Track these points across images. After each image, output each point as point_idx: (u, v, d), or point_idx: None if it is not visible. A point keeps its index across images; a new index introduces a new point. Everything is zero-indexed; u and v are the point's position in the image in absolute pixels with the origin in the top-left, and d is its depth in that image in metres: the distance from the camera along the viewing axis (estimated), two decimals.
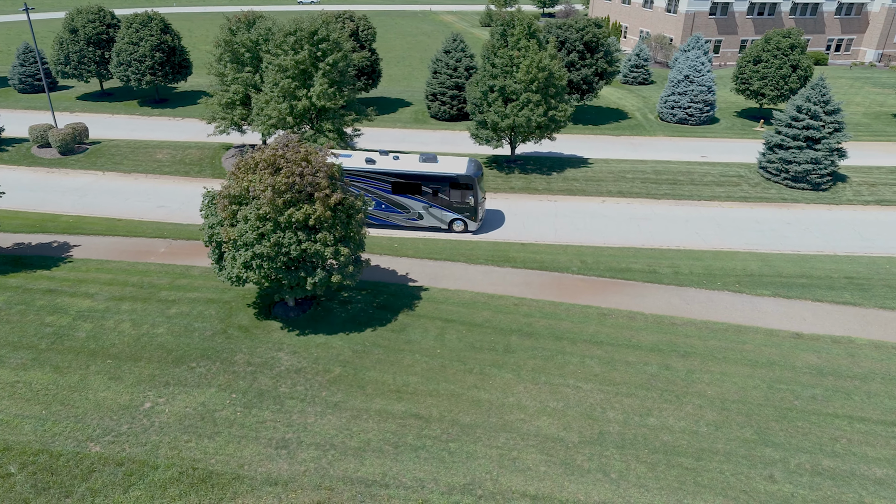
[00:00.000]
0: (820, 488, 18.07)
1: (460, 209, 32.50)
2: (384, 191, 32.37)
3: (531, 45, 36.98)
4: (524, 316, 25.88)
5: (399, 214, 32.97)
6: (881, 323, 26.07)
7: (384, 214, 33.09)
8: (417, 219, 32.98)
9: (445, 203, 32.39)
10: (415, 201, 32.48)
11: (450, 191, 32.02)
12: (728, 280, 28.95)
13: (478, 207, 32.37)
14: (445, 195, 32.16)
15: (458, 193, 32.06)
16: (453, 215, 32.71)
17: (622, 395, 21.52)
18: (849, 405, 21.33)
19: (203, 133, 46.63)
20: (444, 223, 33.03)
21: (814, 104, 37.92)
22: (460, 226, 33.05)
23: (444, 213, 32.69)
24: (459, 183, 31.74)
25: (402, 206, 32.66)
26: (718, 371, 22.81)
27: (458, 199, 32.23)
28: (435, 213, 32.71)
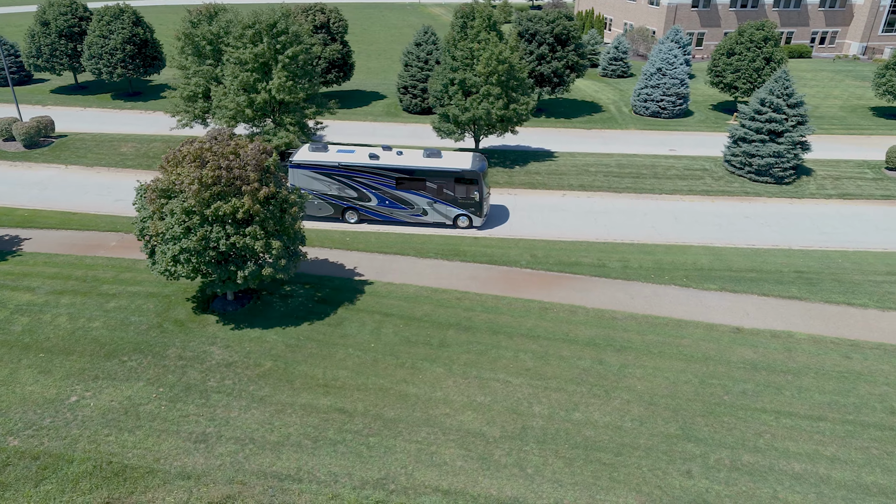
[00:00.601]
0: (736, 483, 17.98)
1: (465, 205, 32.18)
2: (388, 186, 31.97)
3: (491, 37, 36.71)
4: (465, 310, 25.78)
5: (403, 210, 32.63)
6: (824, 317, 25.92)
7: (388, 210, 32.75)
8: (422, 215, 32.60)
9: (450, 199, 32.04)
10: (419, 197, 32.15)
11: (454, 186, 31.68)
12: (676, 274, 28.80)
13: (483, 203, 32.04)
14: (450, 191, 31.82)
15: (462, 189, 31.73)
16: (458, 211, 32.39)
17: (551, 390, 21.43)
18: (778, 400, 21.22)
19: (171, 127, 46.38)
20: (449, 219, 32.68)
21: (776, 97, 37.64)
22: (465, 222, 32.73)
23: (448, 209, 32.36)
24: (464, 178, 31.39)
25: (407, 201, 32.33)
26: (652, 366, 22.71)
27: (463, 195, 31.89)
28: (439, 208, 32.36)
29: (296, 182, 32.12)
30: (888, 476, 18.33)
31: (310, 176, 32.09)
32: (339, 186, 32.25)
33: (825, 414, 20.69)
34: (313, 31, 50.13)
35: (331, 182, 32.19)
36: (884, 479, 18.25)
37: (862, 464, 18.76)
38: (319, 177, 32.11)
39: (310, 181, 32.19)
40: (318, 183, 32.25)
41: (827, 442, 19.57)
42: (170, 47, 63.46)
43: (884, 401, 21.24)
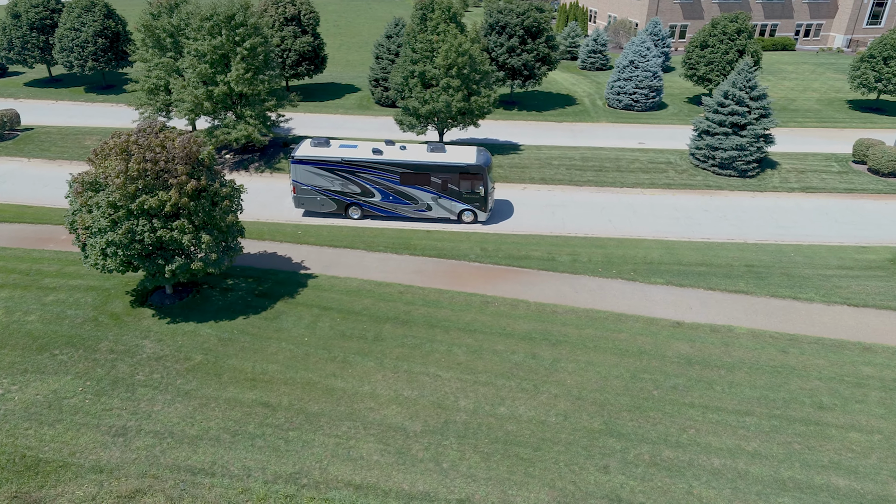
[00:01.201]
0: (652, 479, 17.86)
1: (470, 200, 31.92)
2: (392, 182, 31.66)
3: (450, 29, 36.42)
4: (406, 304, 25.64)
5: (407, 206, 32.34)
6: (768, 311, 25.74)
7: (392, 206, 32.41)
8: (426, 210, 32.36)
9: (455, 193, 31.77)
10: (423, 192, 31.84)
11: (459, 181, 31.43)
12: (625, 268, 28.62)
13: (487, 198, 31.78)
14: (455, 185, 31.54)
15: (467, 184, 31.46)
16: (463, 206, 32.11)
17: (479, 384, 21.31)
18: (707, 395, 21.08)
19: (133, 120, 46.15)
20: (454, 214, 32.45)
21: (739, 90, 37.33)
22: (470, 216, 32.48)
23: (453, 204, 32.11)
24: (469, 173, 31.15)
25: (411, 197, 32.02)
26: (585, 360, 22.57)
27: (468, 190, 31.61)
28: (444, 203, 32.11)
29: (298, 178, 31.82)
30: (806, 471, 18.21)
31: (312, 172, 31.67)
32: (343, 182, 31.86)
33: (753, 409, 20.54)
34: (284, 23, 49.87)
35: (334, 178, 31.78)
36: (801, 474, 18.12)
37: (782, 459, 18.63)
38: (322, 172, 31.67)
39: (312, 177, 31.81)
40: (321, 179, 31.84)
41: (750, 437, 19.43)
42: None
43: (813, 396, 21.09)
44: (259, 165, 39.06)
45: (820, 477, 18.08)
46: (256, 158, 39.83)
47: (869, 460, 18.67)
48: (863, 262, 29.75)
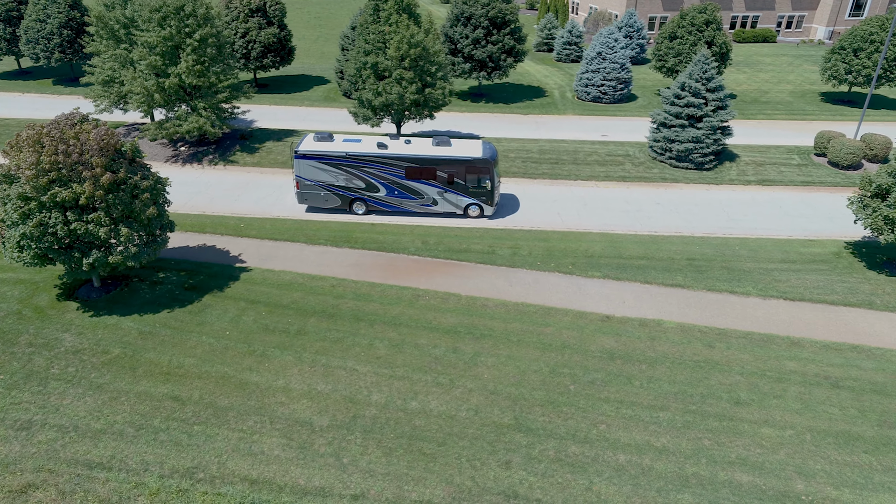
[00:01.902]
0: (553, 475, 17.68)
1: (476, 194, 31.50)
2: (397, 176, 31.17)
3: (403, 20, 36.04)
4: (335, 297, 25.45)
5: (412, 200, 31.92)
6: (702, 305, 25.49)
7: (397, 201, 31.97)
8: (432, 204, 31.95)
9: (461, 188, 31.35)
10: (429, 186, 31.39)
11: (465, 175, 31.02)
12: (564, 261, 28.37)
13: (494, 192, 31.39)
14: (461, 179, 31.10)
15: (473, 178, 31.05)
16: (469, 200, 31.73)
17: (395, 378, 21.13)
18: (625, 390, 20.87)
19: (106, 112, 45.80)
20: (460, 208, 32.07)
21: (695, 81, 36.93)
22: (476, 211, 32.10)
23: (459, 198, 31.71)
24: (476, 166, 30.71)
25: (417, 191, 31.56)
26: (506, 354, 22.37)
27: (474, 184, 31.20)
28: (450, 198, 31.71)
29: (301, 173, 31.34)
30: (711, 467, 18.01)
31: (316, 167, 31.16)
32: (347, 177, 31.37)
33: (668, 404, 20.33)
34: (249, 14, 49.50)
35: (338, 172, 31.28)
36: (706, 470, 17.93)
37: (689, 455, 18.43)
38: (326, 167, 31.17)
39: (316, 172, 31.31)
40: (325, 174, 31.34)
41: (661, 433, 19.23)
42: None
43: (731, 391, 20.86)
44: (213, 158, 38.83)
45: (724, 473, 17.88)
46: (212, 151, 39.59)
47: (777, 456, 18.46)
48: (807, 255, 29.46)
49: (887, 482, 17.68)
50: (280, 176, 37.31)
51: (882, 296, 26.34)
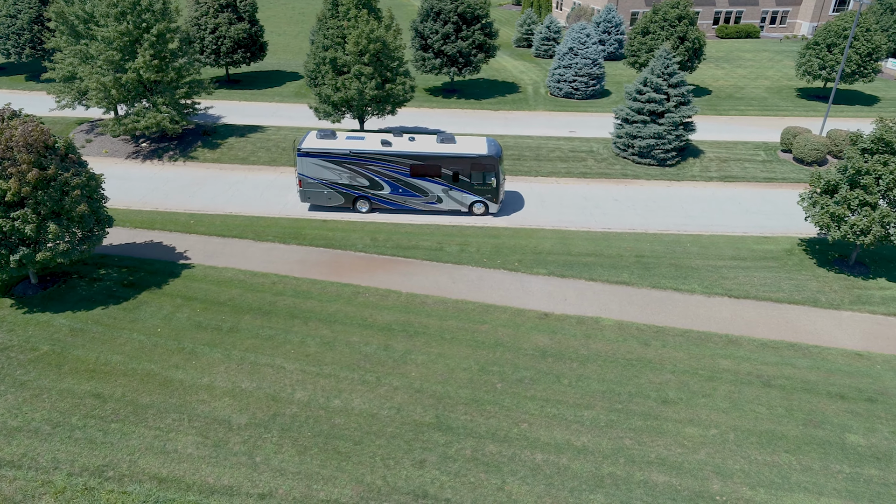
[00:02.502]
0: (466, 475, 17.49)
1: (481, 191, 31.14)
2: (401, 174, 30.75)
3: (362, 15, 35.77)
4: (275, 294, 25.27)
5: (417, 198, 31.50)
6: (644, 303, 25.25)
7: (401, 199, 31.55)
8: (436, 202, 31.54)
9: (466, 185, 30.95)
10: (434, 184, 30.97)
11: (470, 172, 30.64)
12: (512, 258, 28.14)
13: (499, 189, 31.06)
14: (466, 177, 30.71)
15: (479, 175, 30.67)
16: (474, 198, 31.34)
17: (322, 376, 20.95)
18: (551, 388, 20.66)
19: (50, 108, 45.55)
20: (465, 206, 31.69)
21: (657, 77, 36.61)
22: (481, 208, 31.73)
23: (464, 196, 31.33)
24: (481, 164, 30.35)
25: (421, 189, 31.15)
26: (437, 352, 22.17)
27: (479, 181, 30.82)
28: (455, 195, 31.31)
29: (304, 171, 30.89)
30: (628, 467, 17.80)
31: (319, 164, 30.69)
32: (351, 175, 30.94)
33: (594, 403, 20.12)
34: (218, 9, 49.24)
35: (341, 170, 30.84)
36: (623, 470, 17.72)
37: (608, 454, 18.22)
38: (329, 165, 30.71)
39: (319, 170, 30.86)
40: (328, 172, 30.89)
41: (583, 432, 19.02)
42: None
43: (660, 390, 20.64)
44: (174, 154, 38.65)
45: (641, 473, 17.67)
46: (173, 147, 39.40)
47: (697, 456, 18.25)
48: (759, 252, 29.19)
49: (804, 482, 17.46)
50: (238, 172, 37.13)
51: (828, 293, 26.07)
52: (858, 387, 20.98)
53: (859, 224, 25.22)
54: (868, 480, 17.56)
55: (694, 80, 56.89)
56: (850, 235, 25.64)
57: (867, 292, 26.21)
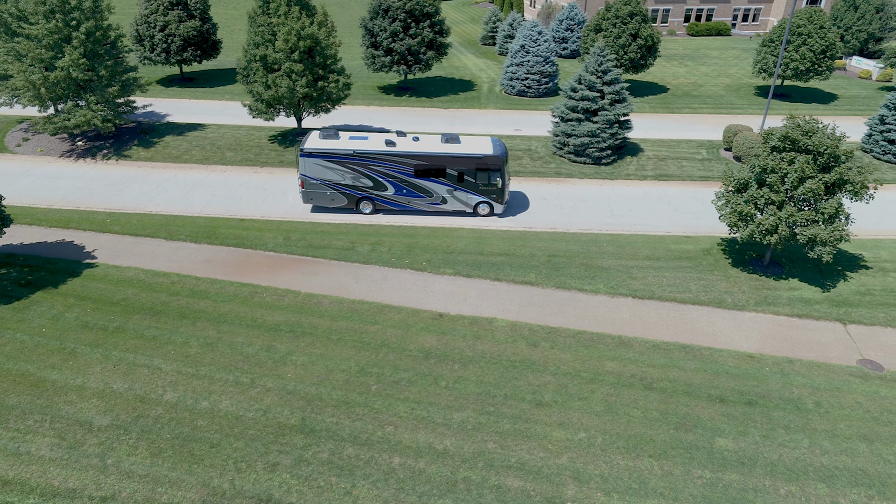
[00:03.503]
0: (317, 479, 17.20)
1: (486, 192, 30.80)
2: (406, 175, 30.43)
3: (293, 11, 35.46)
4: (171, 294, 25.01)
5: (421, 199, 31.17)
6: (545, 303, 24.90)
7: (405, 200, 31.18)
8: (441, 203, 31.22)
9: (471, 186, 30.63)
10: (438, 185, 30.64)
11: (476, 172, 30.29)
12: (421, 258, 27.82)
13: (504, 189, 30.79)
14: (471, 177, 30.37)
15: (484, 175, 30.34)
16: (479, 198, 31.03)
17: (196, 377, 20.69)
18: (427, 390, 20.35)
19: (18, 107, 45.52)
20: (470, 207, 31.37)
21: (591, 74, 36.20)
22: (486, 209, 31.40)
23: (469, 197, 31.01)
24: (487, 164, 30.04)
25: (426, 190, 30.82)
26: (319, 353, 21.88)
27: (485, 182, 30.49)
28: (459, 196, 30.99)
29: (307, 171, 30.47)
30: (485, 471, 17.49)
31: (322, 165, 30.30)
32: (354, 175, 30.58)
33: (467, 405, 19.80)
34: (168, 7, 49.02)
35: (345, 171, 30.47)
36: (478, 474, 17.41)
37: (468, 458, 17.91)
38: (333, 166, 30.31)
39: (322, 170, 30.46)
40: (331, 172, 30.50)
41: (448, 435, 18.71)
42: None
43: (537, 392, 20.30)
44: (108, 153, 38.44)
45: (497, 478, 17.34)
46: (108, 146, 39.19)
47: (558, 460, 17.92)
48: (675, 252, 28.80)
49: (661, 487, 17.11)
50: (169, 171, 36.89)
51: (736, 294, 25.67)
52: (741, 390, 20.60)
53: (764, 223, 24.81)
54: (727, 486, 17.20)
55: (651, 78, 56.47)
56: (756, 235, 25.23)
57: (775, 293, 25.80)
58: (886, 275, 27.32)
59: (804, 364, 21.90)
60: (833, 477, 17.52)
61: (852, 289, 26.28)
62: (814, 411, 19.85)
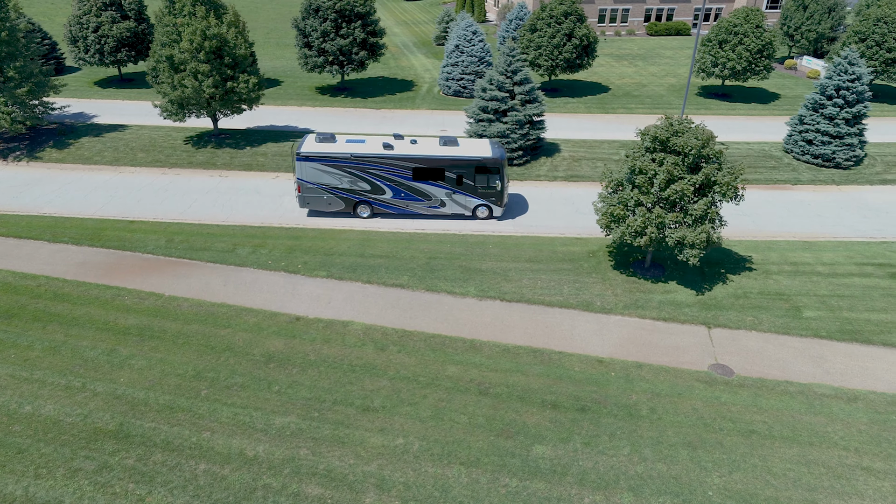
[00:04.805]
0: (114, 485, 16.93)
1: (485, 194, 30.53)
2: (404, 178, 30.07)
3: (198, 11, 35.24)
4: (32, 297, 24.79)
5: (420, 203, 30.85)
6: (409, 306, 24.57)
7: (403, 203, 30.82)
8: (440, 206, 30.90)
9: (470, 188, 30.36)
10: (437, 188, 30.34)
11: (475, 175, 30.05)
12: (298, 261, 27.51)
13: (503, 192, 30.53)
14: (470, 180, 30.11)
15: (483, 178, 30.07)
16: (478, 201, 30.77)
17: (29, 381, 20.47)
18: (258, 395, 20.06)
19: None
20: (469, 210, 31.09)
21: (501, 74, 35.83)
22: (485, 212, 31.11)
23: (468, 200, 30.74)
24: (486, 167, 29.76)
25: (424, 193, 30.51)
26: (160, 357, 21.61)
27: (484, 184, 30.21)
28: (459, 199, 30.71)
29: (303, 175, 30.11)
30: (289, 479, 17.17)
31: (319, 169, 29.93)
32: (352, 179, 30.21)
33: (293, 410, 19.49)
34: (102, 7, 48.90)
35: (342, 175, 30.10)
36: (280, 481, 17.10)
37: (276, 465, 17.60)
38: (330, 169, 29.96)
39: (319, 174, 30.08)
40: (328, 176, 30.13)
41: (264, 441, 18.41)
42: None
43: (368, 397, 19.99)
44: (20, 154, 38.31)
45: (298, 485, 17.05)
46: (22, 147, 39.05)
47: (367, 467, 17.61)
48: (560, 254, 28.41)
49: (463, 496, 16.76)
50: (77, 172, 36.73)
51: (607, 297, 25.27)
52: (578, 395, 20.21)
53: (633, 225, 24.41)
54: (532, 494, 16.83)
55: (597, 78, 56.08)
56: (627, 237, 24.83)
57: (648, 296, 25.39)
58: (768, 277, 26.87)
59: (652, 369, 21.48)
60: (642, 486, 17.12)
61: (729, 291, 25.84)
62: (646, 418, 19.44)
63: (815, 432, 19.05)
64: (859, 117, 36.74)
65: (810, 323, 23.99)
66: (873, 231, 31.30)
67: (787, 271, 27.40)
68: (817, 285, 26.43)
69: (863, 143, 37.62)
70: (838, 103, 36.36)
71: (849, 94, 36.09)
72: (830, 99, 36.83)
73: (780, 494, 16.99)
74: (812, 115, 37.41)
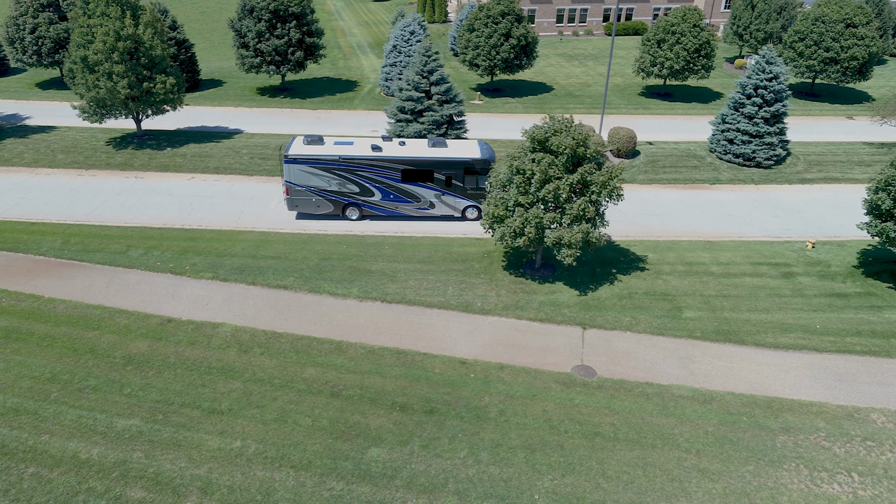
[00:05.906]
0: None
1: (475, 195, 30.45)
2: (392, 180, 29.89)
3: (112, 12, 35.08)
4: None
5: (409, 204, 30.69)
6: (287, 307, 24.45)
7: (392, 205, 30.65)
8: (428, 208, 30.77)
9: (459, 190, 30.27)
10: (426, 189, 30.20)
11: (464, 176, 29.94)
12: (188, 262, 27.36)
13: None
14: (459, 181, 30.03)
15: (472, 179, 30.00)
16: (467, 202, 30.66)
17: None
18: (106, 398, 19.95)
19: None
20: (458, 211, 31.00)
21: (417, 74, 35.70)
22: (474, 213, 30.97)
23: (457, 201, 30.63)
24: (475, 168, 29.74)
25: (413, 195, 30.35)
26: (19, 359, 21.52)
27: (473, 185, 30.16)
28: (448, 200, 30.60)
29: (292, 178, 29.81)
30: (115, 482, 17.07)
31: (307, 171, 29.67)
32: (340, 181, 29.99)
33: (138, 413, 19.39)
34: (39, 9, 48.72)
35: (331, 177, 29.86)
36: (105, 485, 16.99)
37: (107, 467, 17.52)
38: (318, 172, 29.70)
39: (307, 177, 29.81)
40: (317, 178, 29.88)
41: (101, 443, 18.30)
42: None
43: (216, 400, 19.89)
44: None
45: (122, 489, 16.96)
46: None
47: (197, 471, 17.52)
48: (455, 255, 28.30)
49: (285, 499, 16.67)
50: None
51: (489, 298, 25.15)
52: (430, 397, 20.09)
53: (512, 225, 24.28)
54: (355, 498, 16.71)
55: (542, 78, 56.00)
56: (507, 237, 24.69)
57: (531, 296, 25.26)
58: (658, 277, 26.75)
59: (514, 370, 21.35)
60: (469, 489, 16.99)
61: (614, 292, 25.72)
62: (493, 420, 19.31)
63: (660, 434, 18.93)
64: (779, 116, 36.61)
65: (688, 323, 23.87)
66: (781, 230, 31.20)
67: (679, 271, 27.29)
68: (706, 285, 26.31)
69: (784, 143, 37.49)
70: (757, 102, 36.24)
71: (766, 93, 35.97)
72: (750, 98, 36.72)
73: (607, 497, 16.86)
74: (733, 114, 37.31)
